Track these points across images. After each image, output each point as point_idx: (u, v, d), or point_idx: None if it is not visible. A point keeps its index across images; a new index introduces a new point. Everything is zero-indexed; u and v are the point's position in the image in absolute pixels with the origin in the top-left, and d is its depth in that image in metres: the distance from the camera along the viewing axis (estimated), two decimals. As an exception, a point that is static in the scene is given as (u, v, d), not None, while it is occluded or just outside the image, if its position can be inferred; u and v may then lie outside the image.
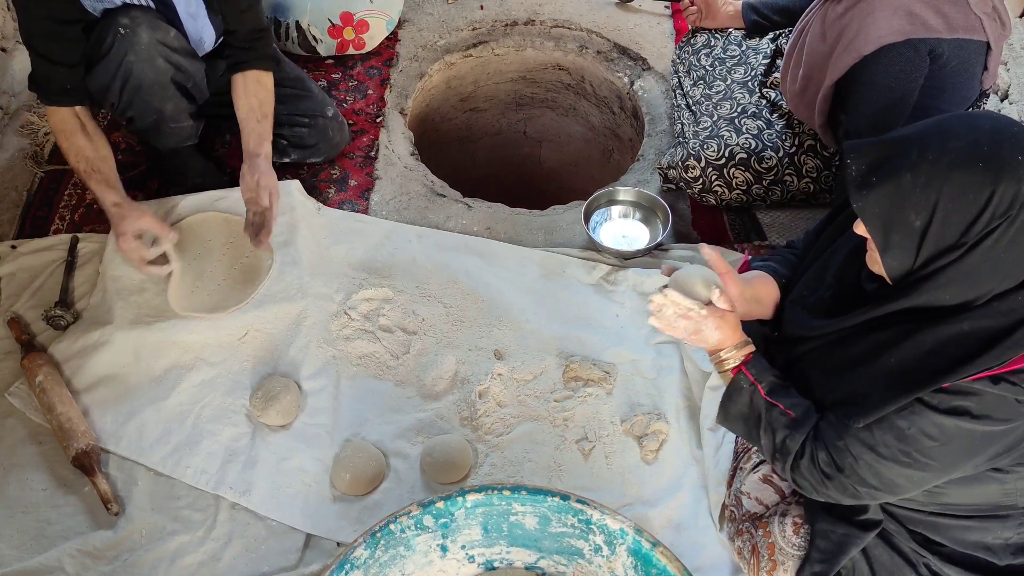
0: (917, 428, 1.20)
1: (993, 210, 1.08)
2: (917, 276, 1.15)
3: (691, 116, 2.32)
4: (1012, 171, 1.07)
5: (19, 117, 2.46)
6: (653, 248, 2.19)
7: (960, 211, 1.09)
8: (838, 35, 1.89)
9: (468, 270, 2.17)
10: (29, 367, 1.88)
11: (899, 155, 1.13)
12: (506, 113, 3.20)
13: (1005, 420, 1.16)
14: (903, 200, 1.11)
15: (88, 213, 2.25)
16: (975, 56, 1.90)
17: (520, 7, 2.91)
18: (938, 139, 1.12)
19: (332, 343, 2.01)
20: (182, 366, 1.93)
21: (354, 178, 2.40)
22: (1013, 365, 1.13)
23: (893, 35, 1.79)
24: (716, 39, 2.44)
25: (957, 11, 1.80)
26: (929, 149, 1.11)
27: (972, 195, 1.08)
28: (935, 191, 1.09)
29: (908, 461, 1.23)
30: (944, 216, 1.10)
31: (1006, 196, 1.07)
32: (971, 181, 1.08)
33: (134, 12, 1.93)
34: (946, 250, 1.12)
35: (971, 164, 1.08)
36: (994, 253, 1.10)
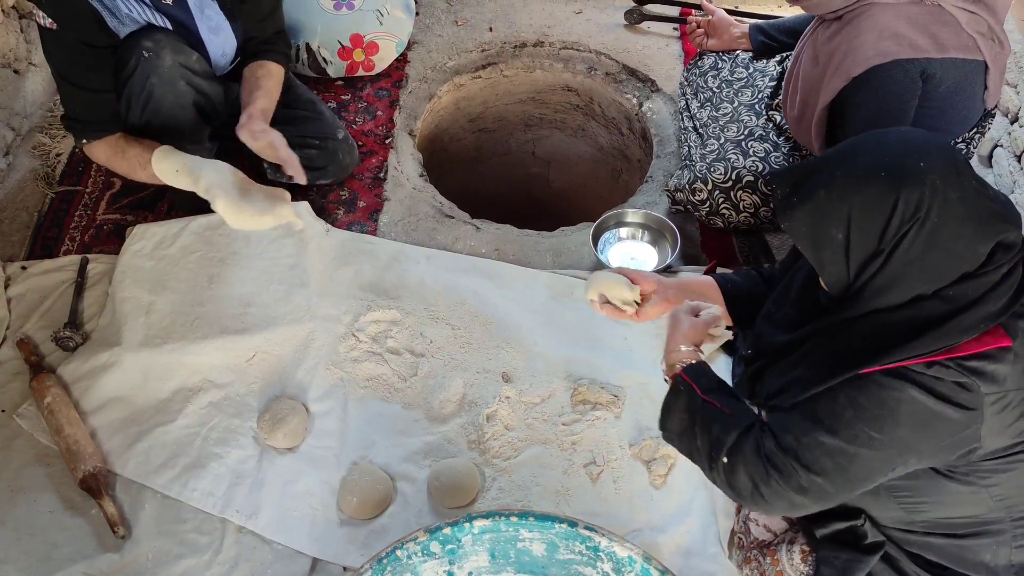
0: (865, 397, 1.21)
1: (901, 215, 1.13)
2: (856, 287, 1.19)
3: (698, 138, 2.32)
4: (914, 177, 1.12)
5: (31, 138, 2.48)
6: (662, 271, 2.19)
7: (872, 219, 1.14)
8: (828, 58, 1.89)
9: (476, 292, 2.17)
10: (38, 388, 1.88)
11: (815, 175, 1.19)
12: (515, 134, 3.21)
13: (950, 402, 1.17)
14: (822, 216, 1.18)
15: (98, 234, 2.26)
16: (972, 76, 1.89)
17: (529, 29, 2.92)
18: (848, 156, 1.19)
19: (340, 365, 2.01)
20: (190, 388, 1.93)
21: (363, 199, 2.41)
22: (949, 354, 1.16)
23: (880, 57, 1.80)
24: (723, 61, 2.44)
25: (947, 31, 1.80)
26: (840, 166, 1.18)
27: (879, 203, 1.14)
28: (847, 204, 1.15)
29: (854, 434, 1.22)
30: (859, 226, 1.15)
31: (911, 201, 1.12)
32: (877, 190, 1.14)
33: (157, 35, 1.97)
34: (871, 258, 1.17)
35: (875, 174, 1.14)
36: (913, 255, 1.14)
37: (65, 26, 1.87)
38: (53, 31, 1.87)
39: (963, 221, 1.13)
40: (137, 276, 2.07)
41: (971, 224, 1.13)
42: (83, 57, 1.92)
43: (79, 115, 2.00)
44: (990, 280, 1.15)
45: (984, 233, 1.14)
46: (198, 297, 2.04)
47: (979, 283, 1.15)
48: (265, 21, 2.17)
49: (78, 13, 1.87)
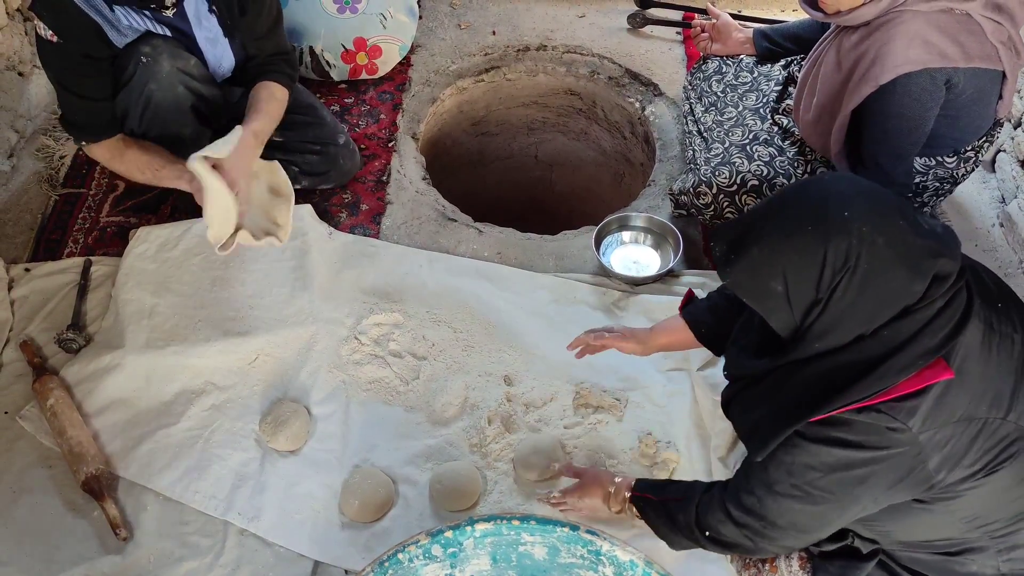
0: (800, 461, 1.27)
1: (832, 266, 1.15)
2: (803, 330, 1.22)
3: (703, 142, 2.32)
4: (839, 228, 1.14)
5: (35, 140, 2.49)
6: (664, 274, 2.19)
7: (804, 271, 1.16)
8: (854, 64, 1.88)
9: (479, 295, 2.17)
10: (40, 390, 1.89)
11: (747, 231, 1.22)
12: (517, 137, 3.21)
13: (882, 448, 1.20)
14: (758, 271, 1.20)
15: (101, 236, 2.27)
16: (991, 85, 1.90)
17: (532, 33, 2.93)
18: (777, 210, 1.21)
19: (342, 368, 2.01)
20: (192, 390, 1.93)
21: (366, 202, 2.41)
22: (883, 397, 1.18)
23: (910, 64, 1.79)
24: (728, 66, 2.44)
25: (973, 40, 1.80)
26: (770, 221, 1.20)
27: (809, 256, 1.15)
28: (780, 258, 1.18)
29: (800, 495, 1.29)
30: (795, 278, 1.17)
31: (839, 251, 1.14)
32: (805, 243, 1.16)
33: (155, 41, 1.97)
34: (811, 306, 1.18)
35: (802, 228, 1.16)
36: (848, 301, 1.16)
37: (67, 39, 1.87)
38: (54, 43, 1.88)
39: (894, 264, 1.14)
40: (140, 278, 2.08)
41: (902, 266, 1.14)
42: (82, 68, 1.93)
43: (76, 121, 2.01)
44: (926, 315, 1.17)
45: (916, 272, 1.15)
46: (201, 300, 2.05)
47: (914, 320, 1.17)
48: (263, 40, 2.14)
49: (80, 27, 1.87)
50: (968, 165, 2.07)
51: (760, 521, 1.35)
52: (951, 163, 2.05)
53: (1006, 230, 2.30)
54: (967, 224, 2.33)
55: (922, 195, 2.12)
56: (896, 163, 1.93)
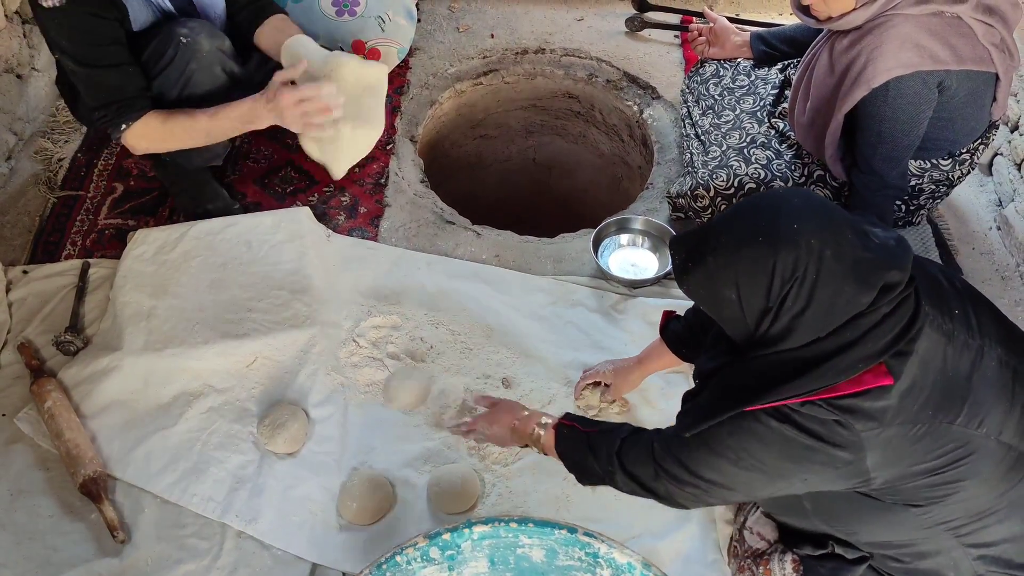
0: (743, 429, 1.29)
1: (781, 276, 1.18)
2: (756, 337, 1.25)
3: (700, 146, 2.33)
4: (788, 240, 1.18)
5: (33, 143, 2.49)
6: (662, 277, 2.19)
7: (755, 282, 1.20)
8: (846, 68, 1.89)
9: (477, 298, 2.17)
10: (38, 393, 1.89)
11: (704, 241, 1.26)
12: (516, 140, 3.21)
13: (824, 439, 1.23)
14: (713, 280, 1.24)
15: (99, 239, 2.27)
16: (984, 87, 1.91)
17: (531, 36, 2.93)
18: (731, 223, 1.25)
19: (340, 370, 2.01)
20: (190, 392, 1.93)
21: (364, 205, 2.41)
22: (824, 394, 1.21)
23: (902, 68, 1.80)
24: (725, 69, 2.45)
25: (965, 43, 1.81)
26: (724, 233, 1.24)
27: (760, 267, 1.19)
28: (732, 268, 1.22)
29: (734, 457, 1.32)
30: (747, 288, 1.21)
31: (787, 262, 1.18)
32: (755, 255, 1.20)
33: (190, 23, 1.98)
34: (762, 314, 1.22)
35: (753, 240, 1.20)
36: (797, 310, 1.19)
37: (79, 2, 1.82)
38: (62, 9, 1.81)
39: (842, 276, 1.17)
40: (138, 281, 2.08)
41: (850, 278, 1.17)
42: (96, 32, 1.87)
43: (110, 98, 1.93)
44: (870, 321, 1.19)
45: (864, 284, 1.18)
46: (199, 302, 2.05)
47: (858, 325, 1.19)
48: None
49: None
50: (963, 167, 2.08)
51: (685, 471, 1.37)
52: (946, 165, 2.06)
53: (1003, 233, 2.30)
54: (964, 227, 2.34)
55: (918, 198, 2.13)
56: (890, 166, 1.94)
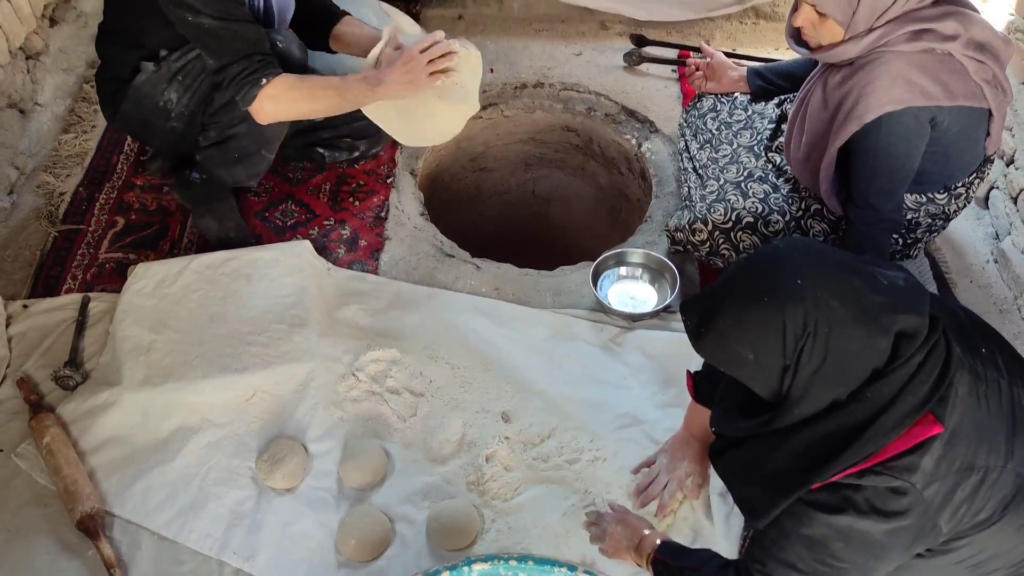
0: (820, 532, 1.25)
1: (793, 333, 1.17)
2: (782, 394, 1.23)
3: (698, 179, 2.34)
4: (792, 296, 1.17)
5: (35, 177, 2.50)
6: (661, 310, 2.19)
7: (768, 342, 1.19)
8: (839, 103, 1.91)
9: (476, 331, 2.17)
10: (37, 428, 1.88)
11: (712, 305, 1.25)
12: (515, 172, 3.23)
13: (895, 513, 1.20)
14: (728, 343, 1.23)
15: (100, 273, 2.28)
16: (977, 122, 1.93)
17: (530, 70, 2.96)
18: (735, 284, 1.25)
19: (339, 405, 2.01)
20: (189, 427, 1.92)
21: (364, 238, 2.42)
22: (878, 458, 1.19)
23: (893, 104, 1.82)
24: (722, 103, 2.47)
25: (957, 79, 1.83)
26: (730, 295, 1.24)
27: (770, 326, 1.18)
28: (743, 329, 1.21)
29: (826, 570, 1.27)
30: (761, 348, 1.20)
31: (796, 319, 1.17)
32: (764, 315, 1.19)
33: (281, 33, 2.09)
34: (782, 372, 1.20)
35: (759, 300, 1.19)
36: (814, 365, 1.18)
37: None
38: None
39: (853, 324, 1.16)
40: (138, 315, 2.08)
41: (862, 325, 1.16)
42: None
43: (252, 49, 1.94)
44: (905, 373, 1.17)
45: (877, 330, 1.16)
46: (199, 336, 2.05)
47: (894, 379, 1.17)
48: None
49: None
50: (959, 202, 2.09)
51: None
52: (942, 199, 2.07)
53: (1000, 266, 2.31)
54: (962, 260, 2.35)
55: (915, 231, 2.14)
56: (885, 200, 1.95)
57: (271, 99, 1.97)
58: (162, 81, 2.06)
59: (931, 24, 1.78)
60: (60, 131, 2.63)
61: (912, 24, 1.79)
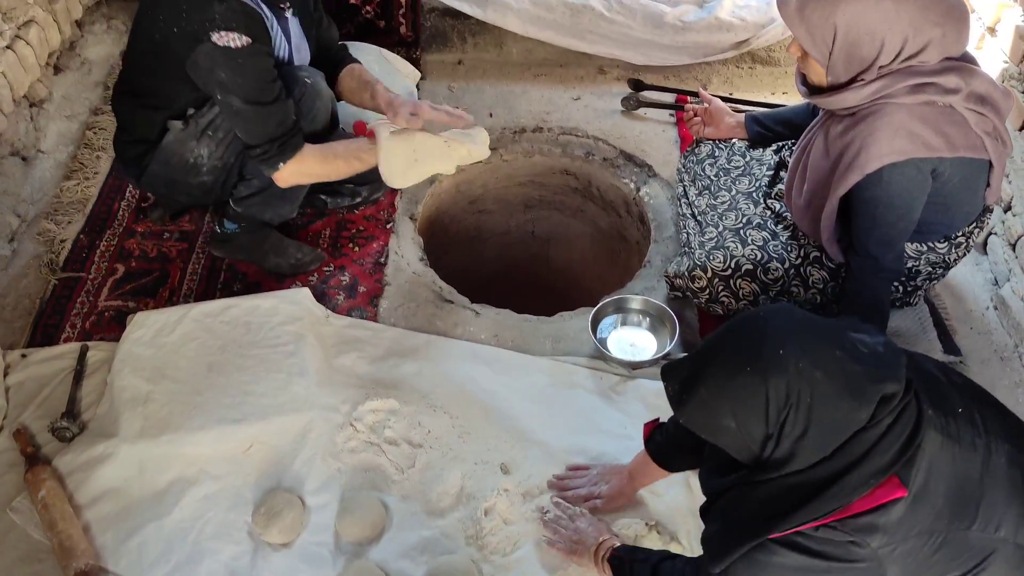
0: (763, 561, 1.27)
1: (776, 404, 1.17)
2: (763, 459, 1.24)
3: (696, 226, 2.35)
4: (776, 366, 1.17)
5: (36, 224, 2.51)
6: (661, 358, 2.19)
7: (752, 411, 1.19)
8: (840, 152, 1.91)
9: (476, 379, 2.16)
10: (32, 481, 1.87)
11: (695, 373, 1.25)
12: (514, 214, 3.25)
13: (843, 560, 1.22)
14: (709, 410, 1.24)
15: (99, 321, 2.27)
16: (978, 173, 1.93)
17: (528, 115, 2.98)
18: (718, 353, 1.25)
19: (337, 456, 1.99)
20: (185, 479, 1.91)
21: (363, 284, 2.42)
22: (838, 515, 1.20)
23: (895, 155, 1.82)
24: (720, 149, 2.48)
25: (958, 131, 1.83)
26: (711, 364, 1.24)
27: (753, 396, 1.18)
28: (726, 399, 1.21)
29: None
30: (743, 417, 1.20)
31: (780, 389, 1.17)
32: (746, 384, 1.19)
33: (305, 67, 2.18)
34: (765, 439, 1.21)
35: (742, 370, 1.19)
36: (797, 433, 1.18)
37: (255, 37, 1.94)
38: (246, 49, 1.93)
39: (836, 395, 1.17)
40: (136, 365, 2.07)
41: (846, 395, 1.17)
42: (267, 69, 2.00)
43: (275, 132, 2.03)
44: (875, 434, 1.18)
45: (861, 400, 1.17)
46: (197, 386, 2.04)
47: (864, 439, 1.18)
48: (326, 31, 2.35)
49: (259, 22, 1.96)
50: (959, 251, 2.09)
51: None
52: (942, 248, 2.07)
53: (1000, 313, 2.30)
54: (962, 307, 2.34)
55: (915, 279, 2.14)
56: (886, 250, 1.95)
57: (291, 173, 2.11)
58: (191, 138, 2.12)
59: (932, 78, 1.79)
60: (62, 178, 2.64)
61: (913, 78, 1.80)
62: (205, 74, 1.97)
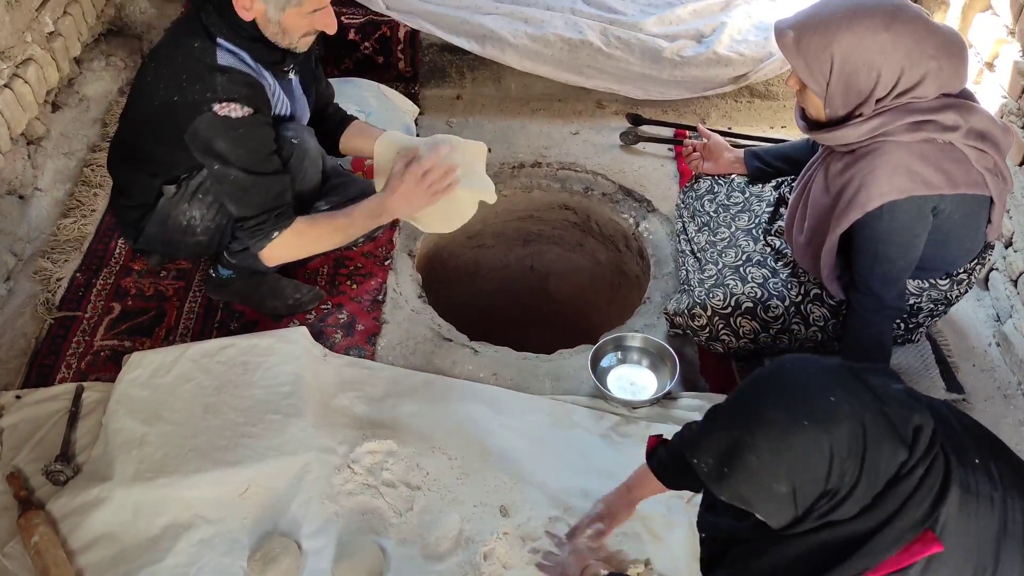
0: None
1: (839, 455, 1.11)
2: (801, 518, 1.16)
3: (696, 263, 2.34)
4: (833, 415, 1.11)
5: (33, 263, 2.50)
6: (661, 397, 2.17)
7: (812, 469, 1.11)
8: (840, 190, 1.91)
9: (475, 419, 2.14)
10: (25, 526, 1.84)
11: (736, 441, 1.15)
12: (513, 249, 3.24)
13: None
14: (759, 479, 1.14)
15: (95, 361, 2.26)
16: (979, 210, 1.92)
17: (527, 150, 2.98)
18: (760, 414, 1.15)
19: (334, 499, 1.97)
20: (180, 524, 1.88)
21: (361, 322, 2.41)
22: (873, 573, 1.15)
23: (895, 192, 1.82)
24: (719, 185, 2.47)
25: (958, 168, 1.83)
26: (757, 427, 1.14)
27: (815, 452, 1.10)
28: (783, 461, 1.12)
29: None
30: (802, 479, 1.12)
31: (841, 439, 1.10)
32: (807, 439, 1.10)
33: (291, 124, 2.12)
34: (817, 498, 1.14)
35: (797, 426, 1.11)
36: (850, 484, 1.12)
37: (257, 107, 1.95)
38: (247, 119, 1.94)
39: (882, 439, 1.12)
40: (132, 406, 2.05)
41: (890, 436, 1.12)
42: (267, 140, 2.01)
43: (269, 204, 2.04)
44: (908, 486, 1.14)
45: (901, 440, 1.13)
46: (192, 428, 2.02)
47: (898, 492, 1.14)
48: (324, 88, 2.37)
49: (260, 92, 1.97)
50: (961, 287, 2.08)
51: None
52: (944, 285, 2.06)
53: (1003, 350, 2.29)
54: (964, 343, 2.33)
55: (917, 316, 2.12)
56: (887, 287, 1.94)
57: (279, 247, 2.10)
58: (183, 201, 2.13)
59: (931, 115, 1.79)
60: (59, 216, 2.63)
61: (911, 115, 1.80)
62: (204, 144, 1.97)
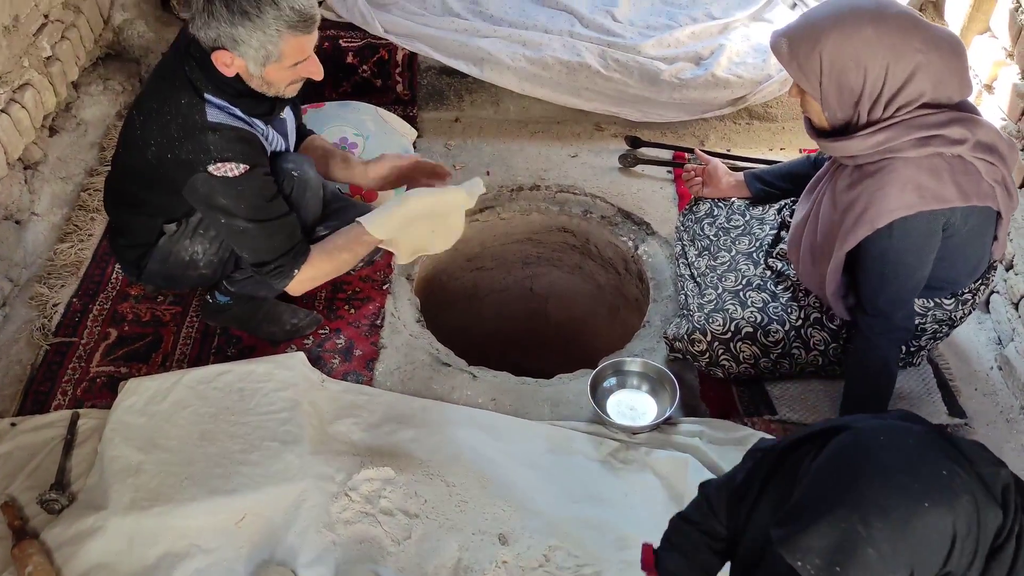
0: None
1: (960, 534, 1.05)
2: None
3: (696, 287, 2.32)
4: (953, 490, 1.05)
5: (29, 288, 2.48)
6: (661, 422, 2.15)
7: (935, 553, 1.05)
8: (847, 207, 1.88)
9: (473, 446, 2.12)
10: (19, 556, 1.82)
11: (847, 535, 1.06)
12: (512, 271, 3.23)
13: None
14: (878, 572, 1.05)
15: (91, 387, 2.24)
16: (987, 224, 1.90)
17: (525, 172, 2.98)
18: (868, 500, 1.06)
19: (332, 527, 1.94)
20: (175, 553, 1.86)
21: (359, 347, 2.39)
22: None
23: (905, 209, 1.79)
24: (719, 208, 2.46)
25: (969, 180, 1.80)
26: (871, 515, 1.05)
27: (939, 535, 1.04)
28: (907, 548, 1.04)
29: None
30: (924, 561, 1.05)
31: (962, 517, 1.04)
32: (931, 522, 1.04)
33: (288, 156, 2.15)
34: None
35: (919, 507, 1.03)
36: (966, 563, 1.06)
37: (254, 163, 1.95)
38: (244, 176, 1.94)
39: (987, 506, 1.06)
40: (128, 433, 2.03)
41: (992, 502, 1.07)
42: (268, 188, 2.01)
43: (284, 247, 2.06)
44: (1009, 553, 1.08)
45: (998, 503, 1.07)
46: (188, 456, 2.00)
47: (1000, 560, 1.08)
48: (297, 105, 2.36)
49: (256, 146, 1.98)
50: (966, 308, 2.07)
51: None
52: (949, 305, 2.05)
53: (1004, 373, 2.27)
54: (965, 366, 2.31)
55: (920, 338, 2.11)
56: (896, 307, 1.91)
57: (302, 282, 2.14)
58: (184, 238, 2.14)
59: (937, 130, 1.77)
60: (56, 240, 2.62)
61: (918, 131, 1.78)
62: (204, 199, 1.98)
